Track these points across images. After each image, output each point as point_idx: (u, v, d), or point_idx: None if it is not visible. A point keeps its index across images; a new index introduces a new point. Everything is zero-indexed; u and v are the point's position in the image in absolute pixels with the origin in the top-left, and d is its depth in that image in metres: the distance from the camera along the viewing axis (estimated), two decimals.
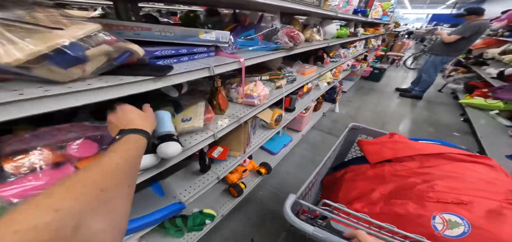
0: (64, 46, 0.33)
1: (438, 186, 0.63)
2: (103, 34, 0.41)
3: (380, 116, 2.84)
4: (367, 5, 2.65)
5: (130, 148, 0.38)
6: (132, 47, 0.49)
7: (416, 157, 0.78)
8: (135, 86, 0.48)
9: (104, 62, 0.46)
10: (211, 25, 1.06)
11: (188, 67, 0.64)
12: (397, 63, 6.05)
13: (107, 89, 0.43)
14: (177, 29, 0.66)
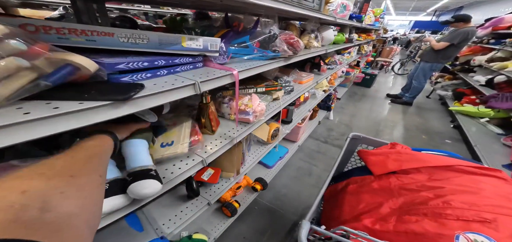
0: None
1: (454, 202, 0.61)
2: (15, 40, 0.26)
3: (374, 124, 2.82)
4: (361, 11, 2.63)
5: (97, 144, 0.37)
6: (74, 59, 0.33)
7: (423, 169, 0.76)
8: (80, 118, 0.33)
9: (28, 81, 0.30)
10: (200, 30, 0.92)
11: (167, 84, 0.49)
12: (386, 69, 6.20)
13: (27, 125, 0.27)
14: (152, 34, 0.51)
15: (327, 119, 2.76)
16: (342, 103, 3.42)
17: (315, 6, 1.16)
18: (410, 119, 3.08)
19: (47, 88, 0.32)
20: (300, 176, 1.76)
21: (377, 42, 6.45)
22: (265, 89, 1.03)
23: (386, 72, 6.09)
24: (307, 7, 1.08)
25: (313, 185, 1.68)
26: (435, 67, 3.17)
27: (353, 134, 1.05)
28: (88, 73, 0.35)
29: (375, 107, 3.39)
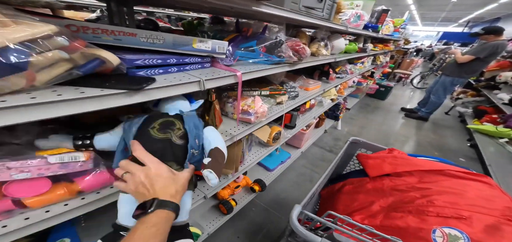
0: None
1: (437, 201, 0.66)
2: (60, 37, 0.34)
3: (384, 137, 2.74)
4: (378, 21, 2.59)
5: (161, 229, 0.36)
6: (102, 54, 0.41)
7: (415, 172, 0.81)
8: (100, 101, 0.40)
9: (65, 70, 0.38)
10: (213, 34, 0.99)
11: (175, 79, 0.56)
12: (404, 82, 5.95)
13: (59, 104, 0.35)
14: (168, 36, 0.58)
15: (334, 128, 2.73)
16: (352, 113, 3.35)
17: (324, 16, 1.19)
18: (424, 134, 2.94)
19: (78, 76, 0.40)
20: (301, 182, 1.77)
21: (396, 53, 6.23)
22: (269, 93, 1.08)
23: (404, 85, 5.84)
24: (316, 16, 1.11)
25: None
26: (456, 81, 2.97)
27: (353, 138, 1.09)
28: (111, 66, 0.43)
29: (388, 121, 3.28)
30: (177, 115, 0.56)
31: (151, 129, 0.50)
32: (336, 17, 1.42)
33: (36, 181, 0.41)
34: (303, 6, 0.99)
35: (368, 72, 3.46)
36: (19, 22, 0.30)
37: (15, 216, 0.44)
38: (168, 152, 0.48)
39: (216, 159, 0.51)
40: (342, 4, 1.40)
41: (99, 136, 0.53)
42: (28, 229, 0.44)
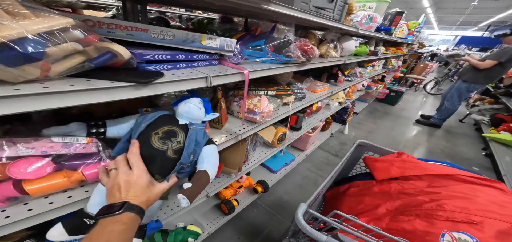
0: (10, 41, 0.27)
1: (447, 205, 0.64)
2: (75, 30, 0.35)
3: (393, 143, 2.66)
4: (392, 23, 2.52)
5: (130, 228, 0.38)
6: (114, 48, 0.42)
7: (425, 176, 0.79)
8: (110, 93, 0.41)
9: (79, 62, 0.39)
10: (222, 32, 1.00)
11: (183, 75, 0.57)
12: (416, 87, 5.77)
13: (71, 94, 0.36)
14: (177, 32, 0.60)
15: (341, 132, 2.69)
16: (360, 118, 3.28)
17: (335, 16, 1.17)
18: (435, 142, 2.84)
19: (90, 69, 0.41)
20: (304, 185, 1.75)
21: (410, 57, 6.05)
22: (276, 93, 1.07)
23: (416, 91, 5.66)
24: (327, 17, 1.10)
25: None
26: (473, 88, 2.83)
27: (360, 141, 1.07)
28: (122, 59, 0.44)
29: (397, 127, 3.19)
30: (184, 126, 0.58)
31: (154, 134, 0.52)
32: (347, 19, 1.40)
33: (38, 165, 0.42)
34: (313, 6, 0.98)
35: (378, 76, 3.38)
36: (39, 14, 0.32)
37: (19, 206, 0.45)
38: (158, 164, 0.50)
39: (197, 183, 0.53)
40: (354, 5, 1.37)
41: (111, 123, 0.56)
42: (31, 220, 0.44)
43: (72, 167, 0.48)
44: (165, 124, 0.55)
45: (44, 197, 0.48)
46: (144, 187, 0.44)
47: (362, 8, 2.06)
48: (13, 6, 0.29)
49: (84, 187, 0.53)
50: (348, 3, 1.22)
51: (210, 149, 0.60)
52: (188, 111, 0.59)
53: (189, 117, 0.59)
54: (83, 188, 0.53)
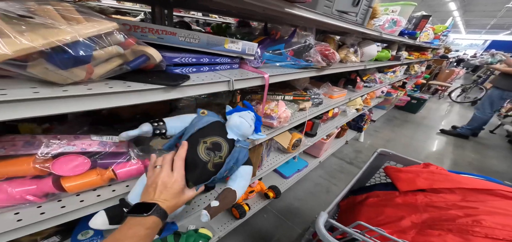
0: (65, 44, 0.30)
1: (486, 222, 0.60)
2: (118, 34, 0.38)
3: (414, 153, 2.52)
4: (417, 27, 2.40)
5: (152, 233, 0.40)
6: (149, 51, 0.45)
7: (458, 190, 0.75)
8: (143, 95, 0.44)
9: (117, 65, 0.42)
10: (241, 36, 1.02)
11: (206, 78, 0.59)
12: (441, 95, 5.43)
13: (110, 96, 0.39)
14: (203, 35, 0.62)
15: (356, 140, 2.60)
16: (377, 126, 3.16)
17: (358, 20, 1.14)
18: (462, 153, 2.65)
19: (126, 71, 0.44)
20: (316, 192, 1.72)
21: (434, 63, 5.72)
22: (293, 98, 1.07)
23: (439, 98, 5.33)
24: (349, 21, 1.07)
25: (329, 203, 1.63)
26: (507, 95, 2.63)
27: (381, 150, 1.04)
28: (154, 62, 0.47)
29: (419, 136, 3.02)
30: (231, 141, 0.56)
31: (203, 142, 0.52)
32: (370, 23, 1.36)
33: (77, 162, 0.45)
34: (336, 10, 0.96)
35: (399, 82, 3.23)
36: (90, 19, 0.35)
37: (53, 203, 0.47)
38: (197, 174, 0.51)
39: (223, 202, 0.53)
40: (378, 9, 1.33)
41: (170, 123, 0.56)
42: (63, 217, 0.46)
43: (103, 165, 0.51)
44: (214, 133, 0.55)
45: (76, 194, 0.51)
46: (176, 193, 0.46)
47: (385, 12, 1.98)
48: (69, 11, 0.32)
49: (111, 186, 0.56)
50: (372, 6, 1.18)
51: (246, 170, 0.59)
52: (239, 126, 0.57)
53: (237, 132, 0.58)
54: (111, 187, 0.55)
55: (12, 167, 0.40)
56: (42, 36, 0.28)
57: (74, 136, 0.45)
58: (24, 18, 0.28)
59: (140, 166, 0.58)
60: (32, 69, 0.29)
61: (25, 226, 0.42)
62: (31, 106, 0.30)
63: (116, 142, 0.50)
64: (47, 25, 0.29)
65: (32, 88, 0.31)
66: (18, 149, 0.39)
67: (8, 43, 0.25)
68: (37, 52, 0.27)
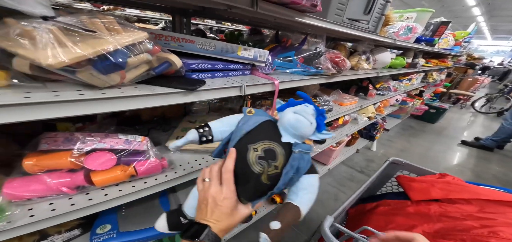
0: (108, 52, 0.35)
1: (503, 233, 0.59)
2: (148, 42, 0.44)
3: (430, 164, 2.42)
4: (435, 34, 2.34)
5: None
6: (172, 58, 0.50)
7: (474, 201, 0.74)
8: (165, 98, 0.49)
9: (144, 71, 0.48)
10: (253, 44, 1.07)
11: (220, 83, 0.64)
12: (463, 104, 5.15)
13: (139, 98, 0.44)
14: (218, 43, 0.67)
15: (368, 149, 2.54)
16: (391, 135, 3.06)
17: (370, 28, 1.15)
18: (486, 166, 2.50)
19: (152, 76, 0.50)
20: (324, 200, 1.70)
21: (455, 71, 5.45)
22: None
23: (462, 108, 5.06)
24: (360, 28, 1.09)
25: None
26: None
27: (394, 159, 1.04)
28: (175, 68, 0.52)
29: (437, 147, 2.89)
30: (286, 145, 0.44)
31: (253, 149, 0.43)
32: (383, 30, 1.36)
33: (106, 158, 0.51)
34: (347, 18, 0.99)
35: (415, 91, 3.12)
36: (126, 29, 0.41)
37: (82, 195, 0.52)
38: (249, 188, 0.43)
39: (285, 223, 0.43)
40: (392, 16, 1.33)
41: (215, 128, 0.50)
42: (90, 209, 0.51)
43: (126, 162, 0.57)
44: (266, 137, 0.44)
45: (101, 188, 0.57)
46: (228, 213, 0.41)
47: (400, 18, 1.96)
48: (111, 23, 0.38)
49: (131, 182, 0.61)
50: (385, 14, 1.19)
51: (310, 181, 0.47)
52: (296, 125, 0.44)
53: (294, 133, 0.45)
54: (131, 183, 0.61)
55: (53, 160, 0.46)
56: (91, 45, 0.34)
57: (104, 134, 0.51)
58: (78, 30, 0.34)
59: (157, 164, 0.63)
60: (80, 74, 0.35)
61: (58, 216, 0.48)
62: (78, 106, 0.36)
63: (138, 141, 0.56)
64: (95, 36, 0.35)
65: (78, 90, 0.38)
66: (58, 145, 0.46)
67: (66, 52, 0.31)
68: (86, 60, 0.33)
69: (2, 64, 0.32)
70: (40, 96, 0.33)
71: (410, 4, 8.95)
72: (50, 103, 0.33)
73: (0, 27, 0.30)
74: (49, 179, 0.46)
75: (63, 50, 0.31)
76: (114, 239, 0.74)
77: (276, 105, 0.55)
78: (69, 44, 0.31)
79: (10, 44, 0.29)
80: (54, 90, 0.36)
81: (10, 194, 0.43)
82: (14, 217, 0.43)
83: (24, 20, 0.29)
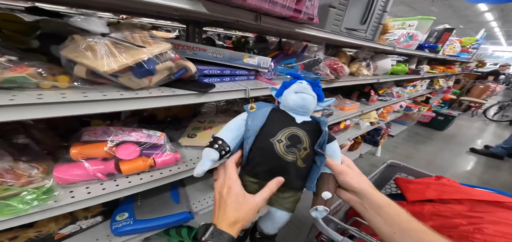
0: (143, 60, 0.46)
1: (487, 230, 0.63)
2: (171, 52, 0.54)
3: (437, 170, 2.37)
4: (438, 40, 2.38)
5: None
6: (188, 65, 0.61)
7: (466, 201, 0.78)
8: (182, 99, 0.60)
9: (166, 76, 0.59)
10: (257, 51, 1.18)
11: (228, 87, 0.74)
12: (474, 112, 5.05)
13: (162, 98, 0.55)
14: (226, 51, 0.78)
15: (372, 154, 2.57)
16: (397, 141, 3.07)
17: (367, 36, 1.24)
18: (495, 174, 2.48)
19: (171, 80, 0.60)
20: None
21: (465, 77, 5.37)
22: None
23: (473, 116, 4.96)
24: (358, 37, 1.18)
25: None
26: None
27: (391, 161, 1.09)
28: (190, 73, 0.63)
29: (444, 154, 2.87)
30: (303, 125, 0.46)
31: (277, 142, 0.43)
32: (382, 38, 1.43)
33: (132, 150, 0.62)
34: (344, 28, 1.08)
35: (421, 97, 3.13)
36: (155, 41, 0.51)
37: (110, 182, 0.61)
38: (293, 179, 0.44)
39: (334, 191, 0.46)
40: (389, 25, 1.41)
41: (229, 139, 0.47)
42: (117, 193, 0.58)
43: (147, 154, 0.67)
44: (282, 125, 0.45)
45: (125, 176, 0.66)
46: (234, 203, 0.39)
47: (402, 26, 2.03)
48: (145, 37, 0.49)
49: (150, 172, 0.70)
50: (382, 23, 1.27)
51: (334, 146, 0.49)
52: (303, 104, 0.47)
53: (303, 111, 0.48)
54: (149, 172, 0.70)
55: (92, 149, 0.57)
56: (131, 55, 0.44)
57: (131, 128, 0.62)
58: (122, 43, 0.45)
59: (172, 157, 0.73)
60: (121, 78, 0.46)
61: (93, 198, 0.57)
62: (118, 104, 0.47)
63: (157, 136, 0.66)
64: (133, 47, 0.46)
65: (118, 91, 0.48)
66: (97, 136, 0.56)
67: (115, 61, 0.42)
68: (128, 67, 0.44)
69: (67, 70, 0.43)
70: (94, 95, 0.44)
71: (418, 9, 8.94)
72: (101, 101, 0.44)
73: (71, 42, 0.41)
74: (88, 165, 0.56)
75: (113, 59, 0.41)
76: (131, 225, 0.83)
77: (272, 92, 0.59)
78: (117, 54, 0.42)
79: (76, 55, 0.40)
80: (102, 91, 0.46)
81: (59, 177, 0.53)
82: (59, 197, 0.54)
83: (89, 36, 0.40)
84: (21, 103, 0.37)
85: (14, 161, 0.48)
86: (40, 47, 0.49)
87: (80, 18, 0.40)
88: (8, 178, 0.46)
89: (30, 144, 0.55)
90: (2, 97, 0.37)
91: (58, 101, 0.39)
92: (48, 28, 0.50)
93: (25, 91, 0.40)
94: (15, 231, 0.63)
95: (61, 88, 0.43)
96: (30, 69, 0.38)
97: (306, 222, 1.54)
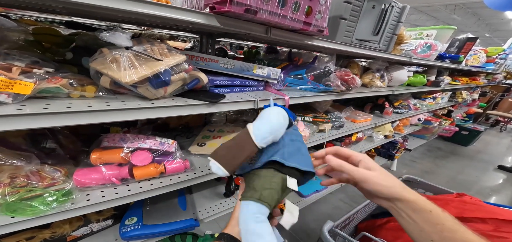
0: (160, 72, 0.51)
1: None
2: (185, 63, 0.59)
3: (460, 188, 2.24)
4: (460, 50, 2.31)
5: None
6: (201, 76, 0.65)
7: (491, 220, 0.76)
8: (194, 108, 0.64)
9: (180, 86, 0.63)
10: (267, 62, 1.22)
11: (237, 97, 0.77)
12: (503, 127, 4.73)
13: (176, 108, 0.59)
14: (237, 62, 0.82)
15: (387, 168, 2.47)
16: (414, 155, 2.94)
17: (381, 47, 1.24)
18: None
19: (185, 91, 0.65)
20: (334, 215, 1.70)
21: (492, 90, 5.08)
22: (312, 119, 1.19)
23: (501, 131, 4.65)
24: (371, 48, 1.18)
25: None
26: None
27: (407, 176, 1.07)
28: (202, 84, 0.67)
29: (469, 170, 2.71)
30: None
31: None
32: (397, 48, 1.42)
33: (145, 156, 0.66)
34: (355, 39, 1.09)
35: (443, 110, 3.00)
36: (171, 53, 0.56)
37: (123, 186, 0.65)
38: None
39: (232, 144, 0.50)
40: (405, 35, 1.40)
41: None
42: (129, 198, 0.62)
43: (158, 161, 0.71)
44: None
45: (137, 182, 0.70)
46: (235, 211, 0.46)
47: (419, 36, 2.00)
48: (163, 49, 0.55)
49: (160, 178, 0.74)
50: (397, 34, 1.27)
51: None
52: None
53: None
54: (159, 179, 0.74)
55: (110, 155, 0.62)
56: (150, 67, 0.49)
57: (146, 136, 0.66)
58: (142, 55, 0.50)
59: (181, 165, 0.77)
60: (140, 88, 0.51)
61: (107, 201, 0.62)
62: (136, 113, 0.51)
63: (169, 143, 0.70)
64: (151, 59, 0.51)
65: (136, 101, 0.53)
66: (115, 143, 0.61)
67: (136, 72, 0.46)
68: (146, 78, 0.48)
69: (94, 80, 0.48)
70: (115, 104, 0.49)
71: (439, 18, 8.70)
72: (121, 110, 0.49)
73: (99, 55, 0.46)
74: (105, 170, 0.61)
75: (134, 71, 0.46)
76: (138, 230, 0.87)
77: None
78: (138, 66, 0.47)
79: (103, 67, 0.46)
80: (122, 100, 0.51)
81: (78, 181, 0.58)
82: (76, 199, 0.58)
83: (115, 49, 0.46)
84: (53, 111, 0.42)
85: (41, 164, 0.53)
86: (72, 58, 0.55)
87: (108, 33, 0.45)
88: (33, 179, 0.52)
89: (56, 149, 0.60)
90: (38, 105, 0.42)
91: (85, 110, 0.44)
92: (81, 41, 0.57)
93: (56, 100, 0.45)
94: (32, 231, 0.69)
95: (87, 98, 0.48)
96: (63, 80, 0.44)
97: (313, 237, 1.51)
